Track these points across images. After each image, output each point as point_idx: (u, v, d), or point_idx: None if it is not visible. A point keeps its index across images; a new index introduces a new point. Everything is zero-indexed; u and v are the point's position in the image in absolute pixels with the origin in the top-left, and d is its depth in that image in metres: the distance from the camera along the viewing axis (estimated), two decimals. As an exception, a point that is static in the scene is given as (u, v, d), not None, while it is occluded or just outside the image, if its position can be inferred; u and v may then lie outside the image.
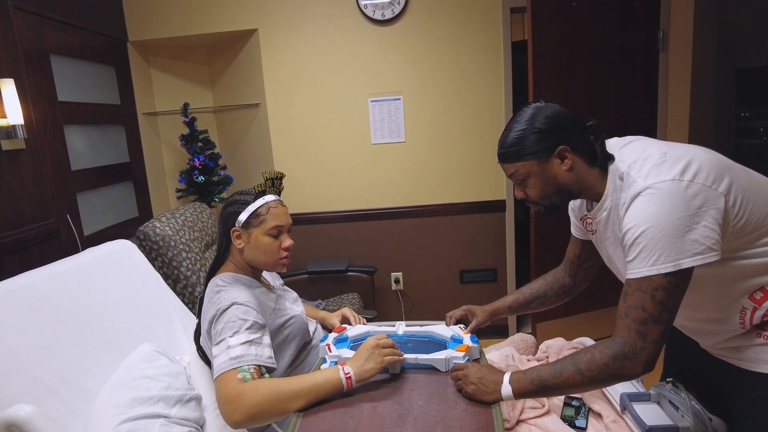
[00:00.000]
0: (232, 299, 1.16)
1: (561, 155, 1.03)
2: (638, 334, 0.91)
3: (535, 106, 1.06)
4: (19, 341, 1.15)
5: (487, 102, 2.74)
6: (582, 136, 1.04)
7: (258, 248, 1.27)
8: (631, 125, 2.59)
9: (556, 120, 1.03)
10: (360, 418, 1.01)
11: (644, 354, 0.91)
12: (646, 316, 0.90)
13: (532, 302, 1.38)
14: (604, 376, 0.95)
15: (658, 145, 0.99)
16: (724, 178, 0.91)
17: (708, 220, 0.88)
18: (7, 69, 1.88)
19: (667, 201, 0.89)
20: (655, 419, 1.13)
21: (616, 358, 0.93)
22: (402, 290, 2.97)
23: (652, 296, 0.90)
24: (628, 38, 2.51)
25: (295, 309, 1.36)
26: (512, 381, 1.04)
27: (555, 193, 1.07)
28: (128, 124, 2.73)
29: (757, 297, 0.95)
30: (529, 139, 1.03)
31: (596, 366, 0.95)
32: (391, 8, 2.65)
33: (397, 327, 1.38)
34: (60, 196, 2.11)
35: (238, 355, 1.06)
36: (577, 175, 1.04)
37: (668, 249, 0.88)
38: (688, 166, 0.91)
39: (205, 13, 2.72)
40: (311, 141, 2.83)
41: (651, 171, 0.93)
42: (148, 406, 1.17)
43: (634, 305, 0.92)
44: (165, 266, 1.95)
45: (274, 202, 1.29)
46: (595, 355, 0.96)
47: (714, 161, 0.94)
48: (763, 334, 0.97)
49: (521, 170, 1.06)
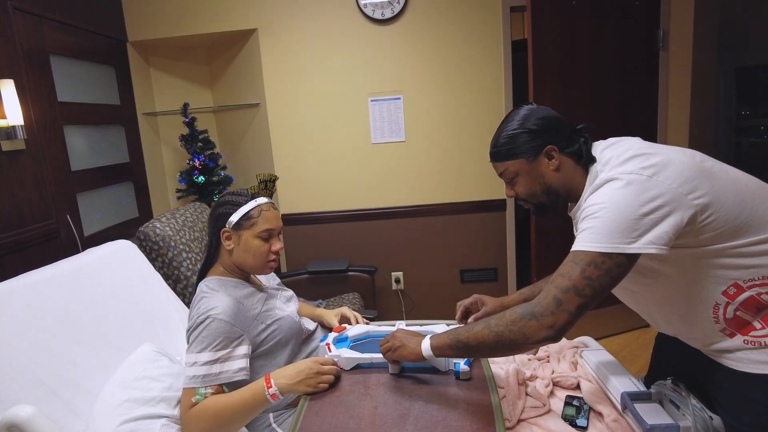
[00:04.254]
0: (208, 311, 1.16)
1: (549, 154, 1.07)
2: (554, 300, 0.91)
3: (528, 107, 1.10)
4: (19, 342, 1.15)
5: (487, 101, 2.74)
6: (571, 138, 1.08)
7: (247, 250, 1.26)
8: (632, 124, 2.59)
9: (547, 121, 1.07)
10: (361, 418, 1.01)
11: (551, 318, 0.91)
12: (568, 285, 0.91)
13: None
14: (509, 333, 0.95)
15: (637, 144, 1.02)
16: (692, 179, 0.92)
17: (658, 215, 0.89)
18: (7, 69, 1.88)
19: (624, 189, 0.91)
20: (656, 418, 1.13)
21: (524, 316, 0.94)
22: (402, 290, 2.97)
23: (582, 270, 0.91)
24: (628, 37, 2.51)
25: (286, 309, 1.35)
26: (432, 338, 1.08)
27: (542, 192, 1.10)
28: (128, 124, 2.73)
29: (730, 293, 0.97)
30: (520, 139, 1.07)
31: (503, 322, 0.96)
32: (390, 7, 2.65)
33: (397, 327, 1.38)
34: (60, 196, 2.11)
35: (201, 374, 1.11)
36: (564, 176, 1.08)
37: (611, 232, 0.90)
38: (657, 164, 0.93)
39: (205, 13, 2.72)
40: (311, 141, 2.83)
41: (620, 165, 0.96)
42: (150, 407, 1.17)
43: (562, 273, 0.93)
44: (165, 266, 1.95)
45: (266, 205, 1.29)
46: (507, 312, 0.97)
47: (688, 164, 0.95)
48: (747, 339, 0.98)
49: (511, 168, 1.10)
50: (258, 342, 1.24)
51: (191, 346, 1.14)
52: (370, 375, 1.18)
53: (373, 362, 1.21)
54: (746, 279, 0.96)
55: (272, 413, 1.27)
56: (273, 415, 1.27)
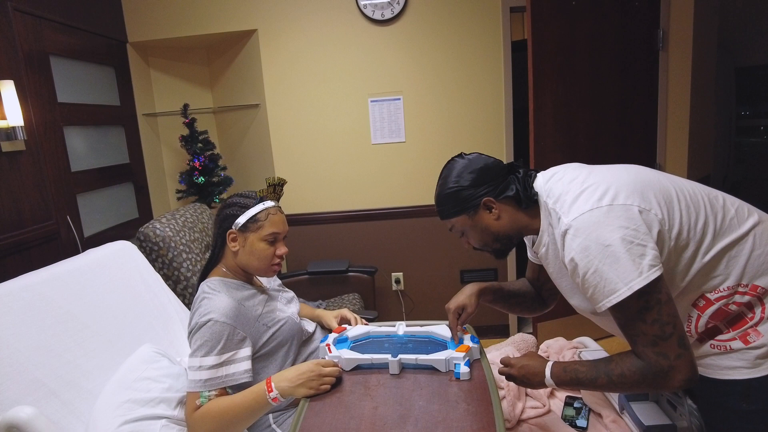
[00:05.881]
0: (210, 313, 1.16)
1: (487, 206, 1.08)
2: (658, 356, 0.88)
3: (462, 161, 1.10)
4: (19, 343, 1.15)
5: (487, 102, 2.74)
6: (505, 182, 1.08)
7: (252, 253, 1.26)
8: (631, 124, 2.59)
9: (480, 173, 1.07)
10: (361, 418, 1.01)
11: (675, 373, 0.87)
12: (652, 339, 0.88)
13: (512, 298, 1.35)
14: (639, 387, 0.93)
15: (580, 174, 1.01)
16: (645, 194, 0.93)
17: (640, 237, 0.88)
18: (7, 70, 1.88)
19: (594, 231, 0.90)
20: (653, 418, 1.13)
21: (645, 377, 0.90)
22: (402, 290, 2.97)
23: (643, 320, 0.89)
24: (627, 37, 2.51)
25: (287, 311, 1.35)
26: (552, 375, 1.05)
27: (494, 240, 1.12)
28: (128, 125, 2.73)
29: (700, 305, 0.97)
30: (458, 197, 1.08)
31: (628, 381, 0.93)
32: (390, 8, 2.65)
33: (398, 327, 1.38)
34: (60, 197, 2.11)
35: (205, 378, 1.11)
36: (509, 221, 1.08)
37: (614, 276, 0.88)
38: (607, 190, 0.93)
39: (205, 14, 2.72)
40: (311, 141, 2.83)
41: (572, 204, 0.95)
42: (149, 408, 1.17)
43: (634, 333, 0.91)
44: (165, 267, 1.95)
45: (273, 209, 1.29)
46: (625, 371, 0.93)
47: (633, 180, 0.95)
48: (713, 344, 0.97)
49: (457, 225, 1.12)
50: (259, 343, 1.24)
51: (194, 349, 1.14)
52: (371, 376, 1.18)
53: (373, 363, 1.21)
54: (712, 289, 0.95)
55: (272, 414, 1.27)
56: (273, 416, 1.27)
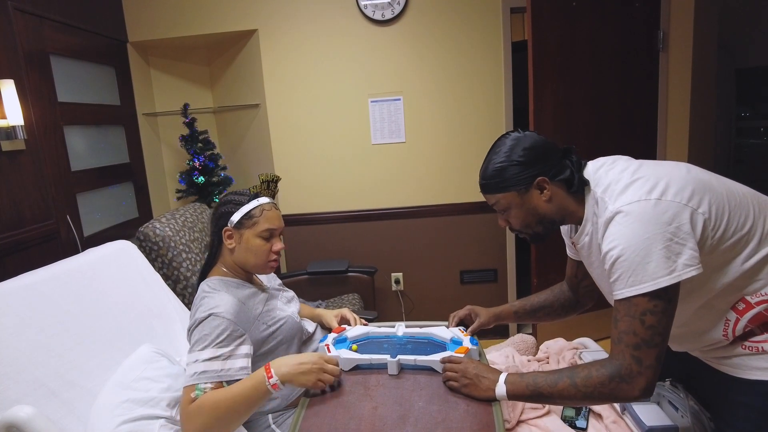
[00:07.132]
0: (211, 309, 1.15)
1: (540, 186, 1.05)
2: (633, 359, 0.91)
3: (514, 136, 1.07)
4: (19, 342, 1.15)
5: (488, 102, 2.74)
6: (560, 164, 1.05)
7: (249, 250, 1.26)
8: (632, 124, 2.59)
9: (535, 151, 1.04)
10: (361, 419, 1.01)
11: (641, 379, 0.91)
12: (638, 341, 0.91)
13: (539, 311, 1.37)
14: (599, 394, 0.95)
15: (631, 166, 1.00)
16: (695, 192, 0.92)
17: (681, 236, 0.88)
18: (7, 70, 1.88)
19: (637, 221, 0.90)
20: (654, 419, 1.13)
21: (612, 378, 0.93)
22: (402, 291, 2.97)
23: (642, 321, 0.90)
24: (628, 38, 2.51)
25: (287, 310, 1.35)
26: (508, 382, 1.05)
27: (537, 223, 1.09)
28: (128, 124, 2.73)
29: (739, 308, 0.96)
30: (508, 172, 1.05)
31: (592, 384, 0.95)
32: (391, 8, 2.65)
33: (397, 328, 1.38)
34: (60, 196, 2.11)
35: (201, 371, 1.09)
36: (557, 204, 1.06)
37: (644, 269, 0.88)
38: (657, 184, 0.92)
39: (205, 14, 2.72)
40: (311, 141, 2.83)
41: (620, 194, 0.95)
42: (149, 408, 1.17)
43: (625, 331, 0.92)
44: (165, 267, 1.95)
45: (267, 205, 1.29)
46: (592, 372, 0.96)
47: (684, 177, 0.95)
48: (745, 345, 0.97)
49: (502, 201, 1.08)
50: (259, 342, 1.24)
51: (193, 343, 1.13)
52: (370, 376, 1.18)
53: (373, 363, 1.21)
54: (753, 293, 0.95)
55: (271, 414, 1.27)
56: (272, 416, 1.27)
